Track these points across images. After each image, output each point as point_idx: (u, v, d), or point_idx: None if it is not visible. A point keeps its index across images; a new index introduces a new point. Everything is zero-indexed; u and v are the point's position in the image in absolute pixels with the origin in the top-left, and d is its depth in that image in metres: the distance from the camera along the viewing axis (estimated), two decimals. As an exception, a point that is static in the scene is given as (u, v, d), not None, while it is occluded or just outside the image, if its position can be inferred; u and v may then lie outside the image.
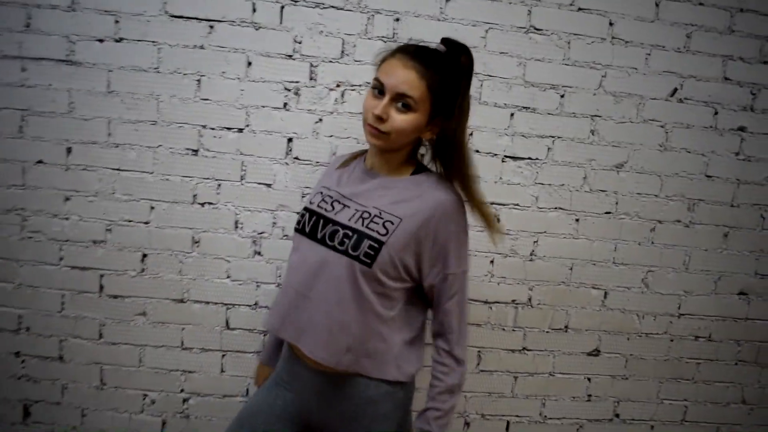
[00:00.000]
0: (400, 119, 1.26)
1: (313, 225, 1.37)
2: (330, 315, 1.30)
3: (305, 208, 1.43)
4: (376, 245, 1.27)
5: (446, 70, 1.28)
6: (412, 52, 1.28)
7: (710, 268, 2.11)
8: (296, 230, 1.41)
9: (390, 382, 1.37)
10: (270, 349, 1.72)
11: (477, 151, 1.96)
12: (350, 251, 1.28)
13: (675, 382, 2.17)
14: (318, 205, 1.40)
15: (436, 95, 1.27)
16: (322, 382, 1.38)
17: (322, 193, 1.44)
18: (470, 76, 1.32)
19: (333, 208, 1.37)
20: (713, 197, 2.07)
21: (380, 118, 1.25)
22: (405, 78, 1.24)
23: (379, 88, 1.27)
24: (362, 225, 1.30)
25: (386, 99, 1.25)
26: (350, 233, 1.30)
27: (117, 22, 1.86)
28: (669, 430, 2.20)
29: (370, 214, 1.31)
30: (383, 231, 1.28)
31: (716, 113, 2.02)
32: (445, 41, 1.34)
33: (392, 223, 1.29)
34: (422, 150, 1.46)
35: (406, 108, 1.26)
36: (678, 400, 2.19)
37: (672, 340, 2.14)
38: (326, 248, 1.32)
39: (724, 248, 2.10)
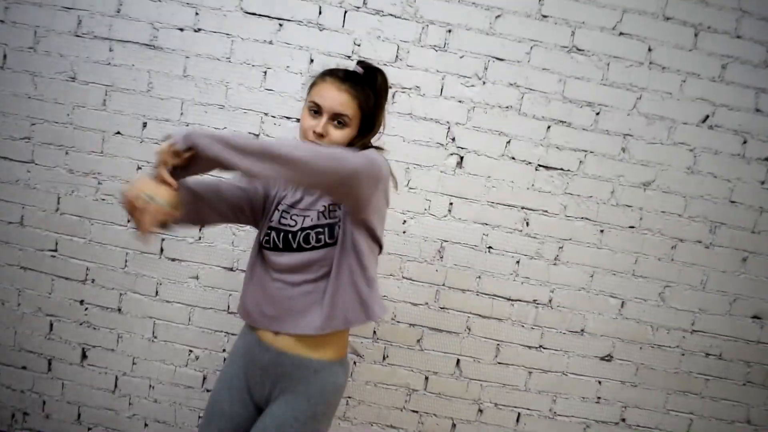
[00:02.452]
0: (337, 134, 1.44)
1: (285, 239, 1.48)
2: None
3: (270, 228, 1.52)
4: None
5: (370, 89, 1.48)
6: (342, 77, 1.46)
7: (727, 289, 2.21)
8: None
9: None
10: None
11: (512, 158, 2.11)
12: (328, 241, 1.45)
13: (683, 395, 2.27)
14: (280, 222, 1.51)
15: (363, 112, 1.47)
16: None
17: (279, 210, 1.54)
18: (386, 93, 1.52)
19: (295, 222, 1.49)
20: (735, 222, 2.17)
21: (321, 135, 1.42)
22: (340, 100, 1.43)
23: (315, 109, 1.44)
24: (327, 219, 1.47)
25: (325, 118, 1.43)
26: (321, 229, 1.45)
27: (197, 14, 2.08)
28: (673, 440, 2.30)
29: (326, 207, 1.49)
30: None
31: (745, 142, 2.12)
32: (361, 63, 1.52)
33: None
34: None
35: (342, 125, 1.44)
36: (684, 412, 2.28)
37: (683, 354, 2.24)
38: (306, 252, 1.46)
39: (742, 272, 2.20)
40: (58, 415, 2.35)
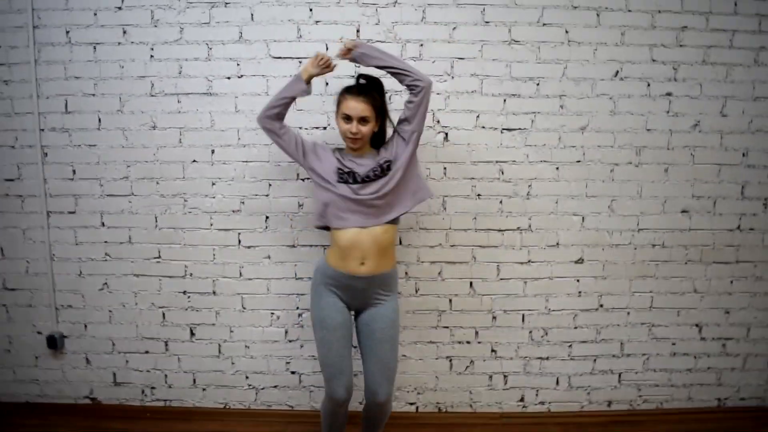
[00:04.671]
0: (365, 129, 2.26)
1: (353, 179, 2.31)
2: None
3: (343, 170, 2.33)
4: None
5: (376, 94, 2.29)
6: (357, 91, 2.27)
7: (657, 194, 2.97)
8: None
9: None
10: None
11: (483, 127, 2.89)
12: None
13: (642, 279, 3.03)
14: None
15: (376, 109, 2.28)
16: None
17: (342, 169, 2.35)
18: (384, 90, 2.35)
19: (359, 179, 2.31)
20: (653, 144, 2.93)
21: (356, 133, 2.24)
22: (361, 108, 2.23)
23: (346, 118, 2.25)
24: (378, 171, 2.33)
25: (355, 122, 2.24)
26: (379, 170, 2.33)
27: (238, 65, 2.86)
28: (641, 314, 3.05)
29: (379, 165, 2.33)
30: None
31: (648, 85, 2.90)
32: (362, 76, 2.36)
33: (389, 161, 2.32)
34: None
35: (366, 122, 2.25)
36: (645, 292, 3.04)
37: (635, 249, 3.00)
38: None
39: (666, 179, 2.96)
40: (177, 383, 3.11)
